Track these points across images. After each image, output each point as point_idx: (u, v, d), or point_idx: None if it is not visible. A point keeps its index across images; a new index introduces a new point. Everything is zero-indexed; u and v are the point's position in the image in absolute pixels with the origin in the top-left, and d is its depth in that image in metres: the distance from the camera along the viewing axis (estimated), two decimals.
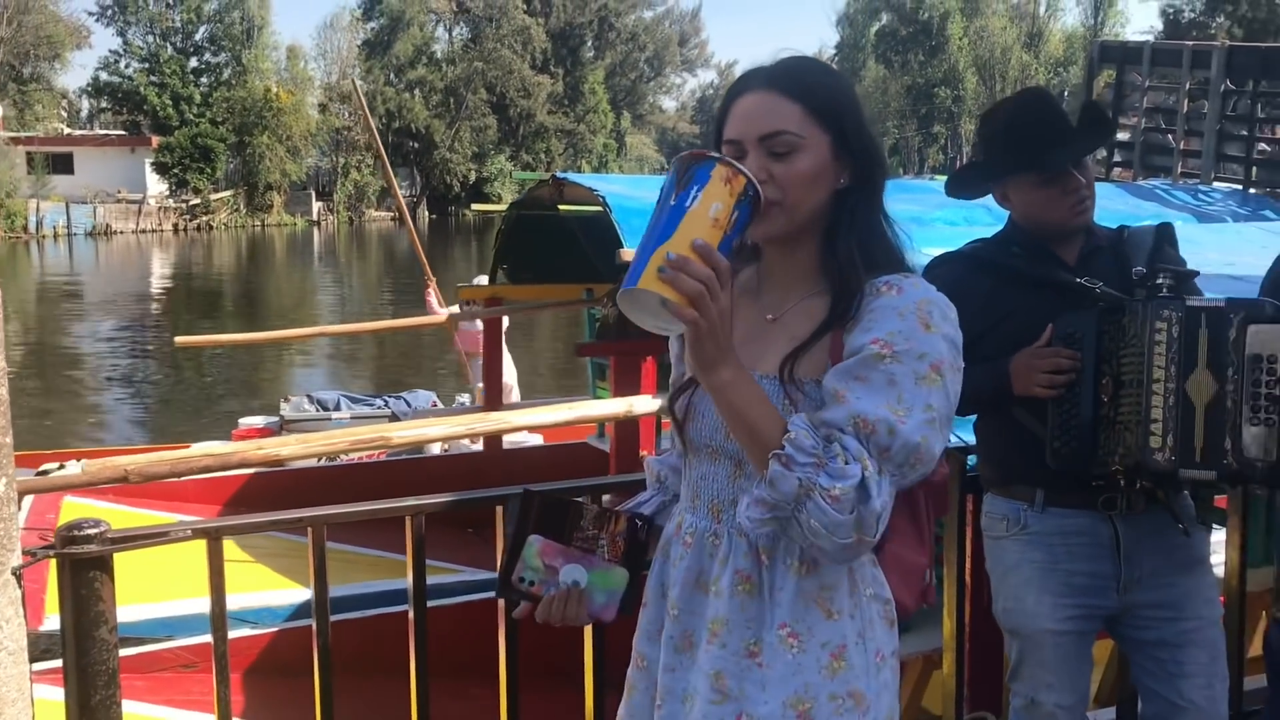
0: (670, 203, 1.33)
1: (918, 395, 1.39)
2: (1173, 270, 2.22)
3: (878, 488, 1.35)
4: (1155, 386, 2.09)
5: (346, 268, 38.45)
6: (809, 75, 1.52)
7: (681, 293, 1.28)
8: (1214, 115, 11.33)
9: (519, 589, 1.55)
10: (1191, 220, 9.19)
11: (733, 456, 1.51)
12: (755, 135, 1.48)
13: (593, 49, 65.77)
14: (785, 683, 1.46)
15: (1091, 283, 2.21)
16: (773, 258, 1.57)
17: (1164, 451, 2.07)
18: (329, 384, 15.49)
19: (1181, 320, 2.10)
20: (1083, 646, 2.33)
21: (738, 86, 1.53)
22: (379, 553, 5.60)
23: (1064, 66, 54.81)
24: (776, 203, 1.45)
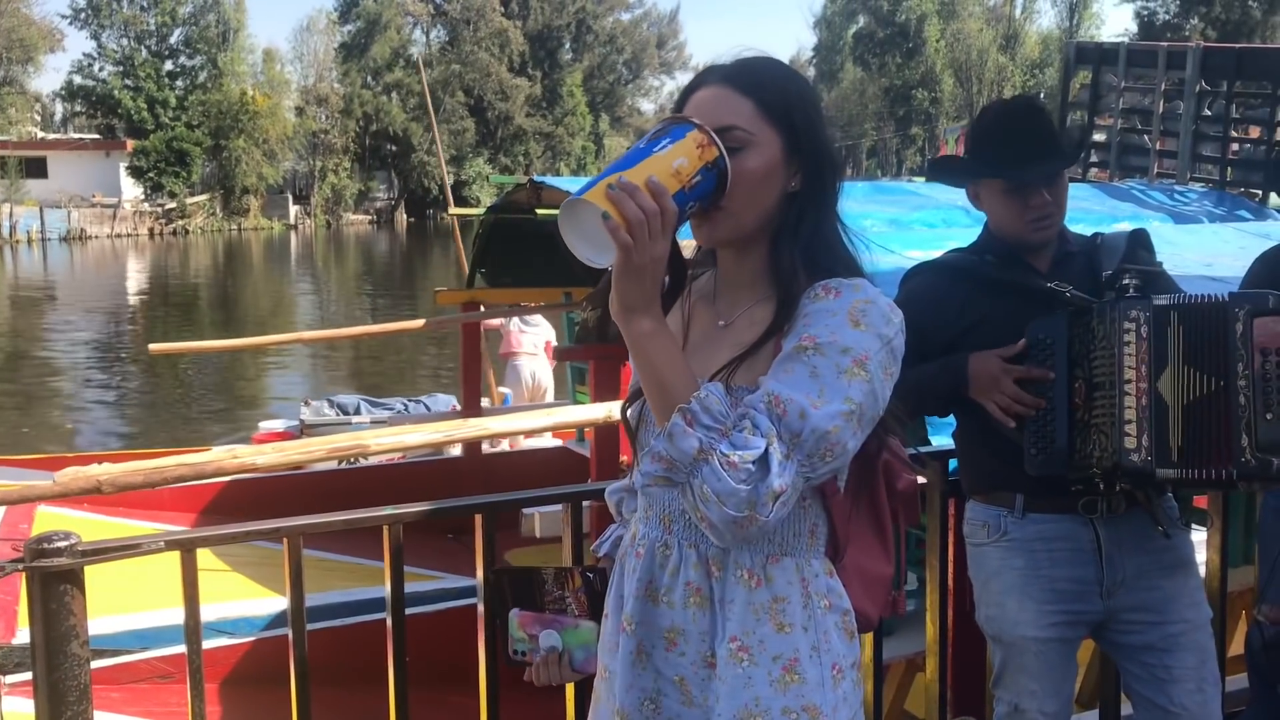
0: (640, 146, 1.34)
1: (838, 387, 1.35)
2: (1140, 270, 2.21)
3: (780, 467, 1.32)
4: (1127, 387, 2.08)
5: (324, 272, 38.30)
6: (764, 72, 1.48)
7: (623, 215, 1.27)
8: (1189, 115, 11.41)
9: (516, 660, 1.65)
10: (1168, 220, 9.25)
11: None
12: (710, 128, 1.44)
13: (571, 51, 65.75)
14: (736, 696, 1.44)
15: (1061, 286, 2.21)
16: (725, 263, 1.54)
17: (1139, 452, 2.06)
18: (306, 391, 15.41)
19: (1150, 319, 2.09)
20: (1066, 653, 2.32)
21: (695, 81, 1.50)
22: (358, 560, 5.56)
23: (1040, 68, 55.15)
24: (722, 209, 1.41)
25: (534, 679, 1.64)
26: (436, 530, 6.00)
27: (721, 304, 1.54)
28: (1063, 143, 2.39)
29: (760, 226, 1.46)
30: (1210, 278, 3.24)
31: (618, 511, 1.71)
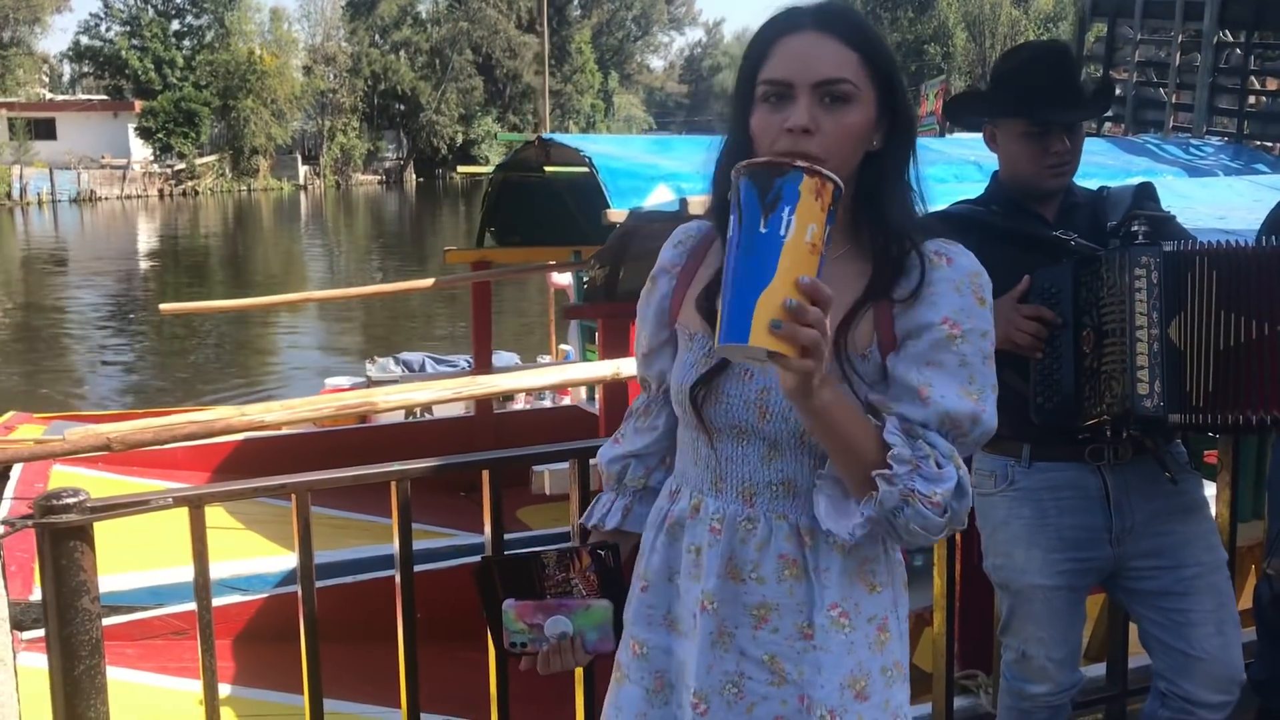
0: (760, 230, 1.17)
1: (986, 375, 1.38)
2: (1149, 216, 2.19)
3: (968, 481, 1.35)
4: (1139, 334, 2.06)
5: (334, 232, 38.27)
6: (863, 24, 1.40)
7: (798, 346, 1.17)
8: (1206, 68, 11.27)
9: (515, 652, 1.53)
10: (1183, 174, 9.14)
11: (766, 437, 1.42)
12: (811, 80, 1.34)
13: (579, 8, 65.19)
14: (840, 663, 1.42)
15: (1067, 235, 2.19)
16: None
17: (1151, 398, 2.05)
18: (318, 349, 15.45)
19: (1160, 265, 2.07)
20: (1074, 601, 2.32)
21: (782, 24, 1.39)
22: (370, 517, 5.59)
23: (1054, 21, 54.48)
24: (821, 160, 1.30)
25: (542, 668, 1.53)
26: (450, 488, 6.03)
27: None
28: (1091, 93, 2.37)
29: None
30: (1224, 230, 3.21)
31: (618, 479, 1.64)
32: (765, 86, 1.37)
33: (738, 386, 1.42)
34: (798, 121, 1.34)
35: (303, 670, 2.15)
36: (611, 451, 1.65)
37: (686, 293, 1.52)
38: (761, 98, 1.37)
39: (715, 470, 1.47)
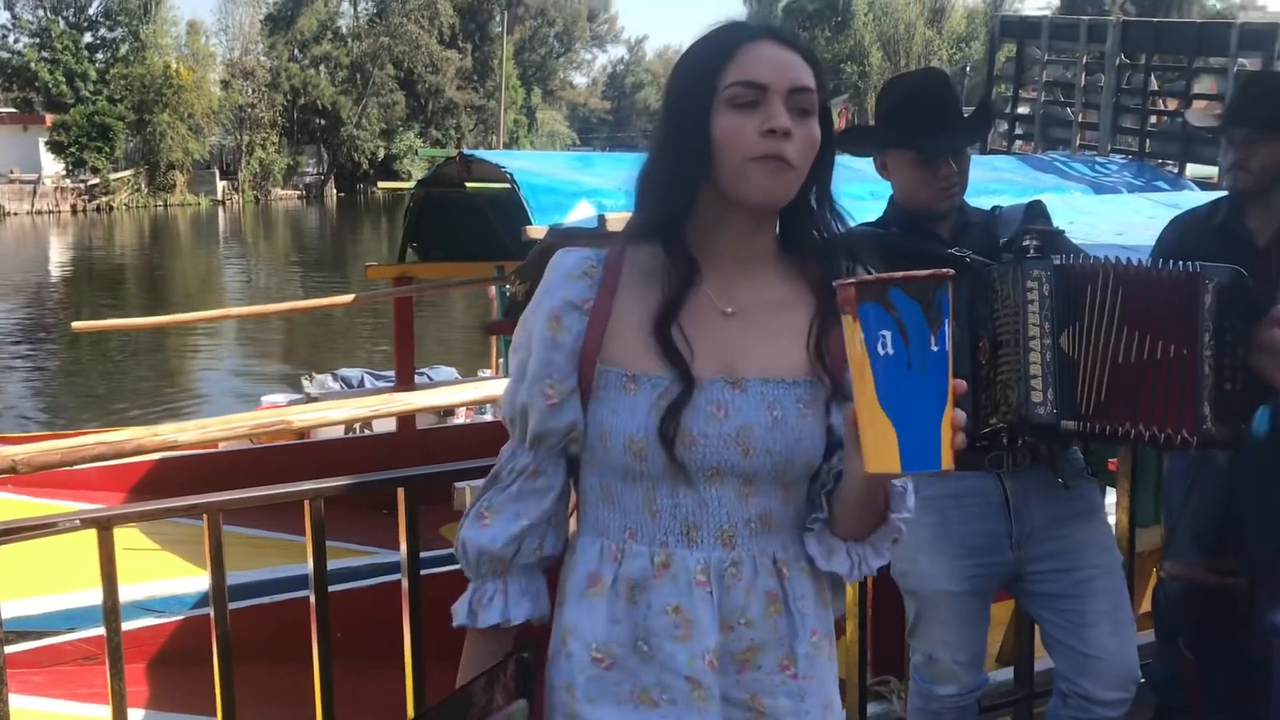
0: (932, 349, 1.13)
1: None
2: (1039, 230, 2.28)
3: None
4: (1032, 344, 2.13)
5: (254, 248, 37.64)
6: (809, 46, 1.41)
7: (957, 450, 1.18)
8: (1110, 88, 11.62)
9: None
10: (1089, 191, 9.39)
11: (744, 474, 1.35)
12: (786, 85, 1.31)
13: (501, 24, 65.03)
14: (824, 687, 1.43)
15: (961, 252, 2.27)
16: (731, 236, 1.38)
17: (1045, 405, 2.13)
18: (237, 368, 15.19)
19: (1051, 277, 2.15)
20: (979, 605, 2.39)
21: (741, 31, 1.36)
22: (291, 536, 5.51)
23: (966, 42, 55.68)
24: (795, 167, 1.32)
25: None
26: (373, 506, 5.97)
27: (716, 287, 1.38)
28: (969, 118, 2.49)
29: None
30: (1121, 245, 3.33)
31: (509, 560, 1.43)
32: (736, 89, 1.31)
33: (713, 426, 1.33)
34: (782, 123, 1.30)
35: (216, 693, 2.13)
36: (498, 532, 1.42)
37: (607, 330, 1.37)
38: (728, 101, 1.31)
39: (685, 518, 1.36)
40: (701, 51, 1.35)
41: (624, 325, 1.36)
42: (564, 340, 1.37)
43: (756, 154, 1.30)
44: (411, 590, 2.20)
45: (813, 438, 1.36)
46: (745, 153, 1.30)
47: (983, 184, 8.13)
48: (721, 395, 1.34)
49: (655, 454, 1.33)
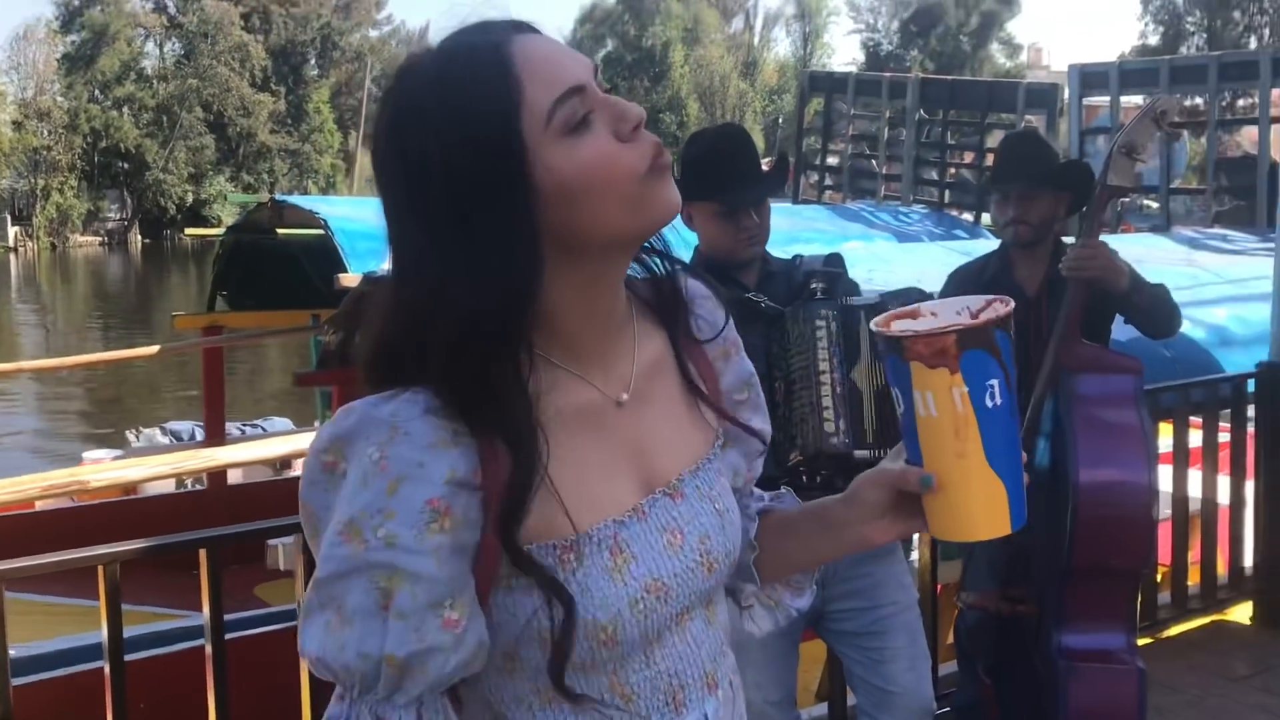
0: (1009, 417, 1.01)
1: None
2: (823, 273, 2.42)
3: None
4: (823, 378, 2.26)
5: (50, 297, 35.64)
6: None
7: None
8: (911, 141, 12.25)
9: None
10: (893, 239, 9.84)
11: (706, 596, 1.07)
12: (591, 73, 0.95)
13: (316, 67, 63.89)
14: None
15: (757, 297, 2.37)
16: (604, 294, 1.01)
17: (838, 435, 2.23)
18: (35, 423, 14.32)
19: (838, 317, 2.28)
20: (787, 645, 2.45)
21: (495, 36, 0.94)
22: (90, 602, 5.22)
23: (779, 94, 57.69)
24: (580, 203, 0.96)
25: None
26: (185, 566, 5.69)
27: (595, 374, 1.02)
28: (769, 170, 2.62)
29: None
30: (918, 291, 3.50)
31: None
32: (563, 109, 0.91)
33: (678, 559, 1.02)
34: (636, 111, 0.94)
35: None
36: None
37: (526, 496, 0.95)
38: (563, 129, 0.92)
39: (669, 683, 1.03)
40: (460, 97, 0.91)
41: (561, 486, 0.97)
42: (465, 539, 0.92)
43: (646, 165, 0.94)
44: (216, 655, 2.10)
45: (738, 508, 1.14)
46: (635, 172, 0.93)
47: (794, 232, 8.45)
48: (668, 515, 1.03)
49: (630, 628, 0.98)
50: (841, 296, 2.36)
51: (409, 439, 0.91)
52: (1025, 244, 2.99)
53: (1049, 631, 2.74)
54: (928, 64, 40.55)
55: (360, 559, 0.90)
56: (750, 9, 54.29)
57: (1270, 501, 4.43)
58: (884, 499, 1.06)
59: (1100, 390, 2.74)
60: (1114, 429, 2.72)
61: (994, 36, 44.21)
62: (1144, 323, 2.92)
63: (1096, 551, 2.67)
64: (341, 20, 63.75)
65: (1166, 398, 4.12)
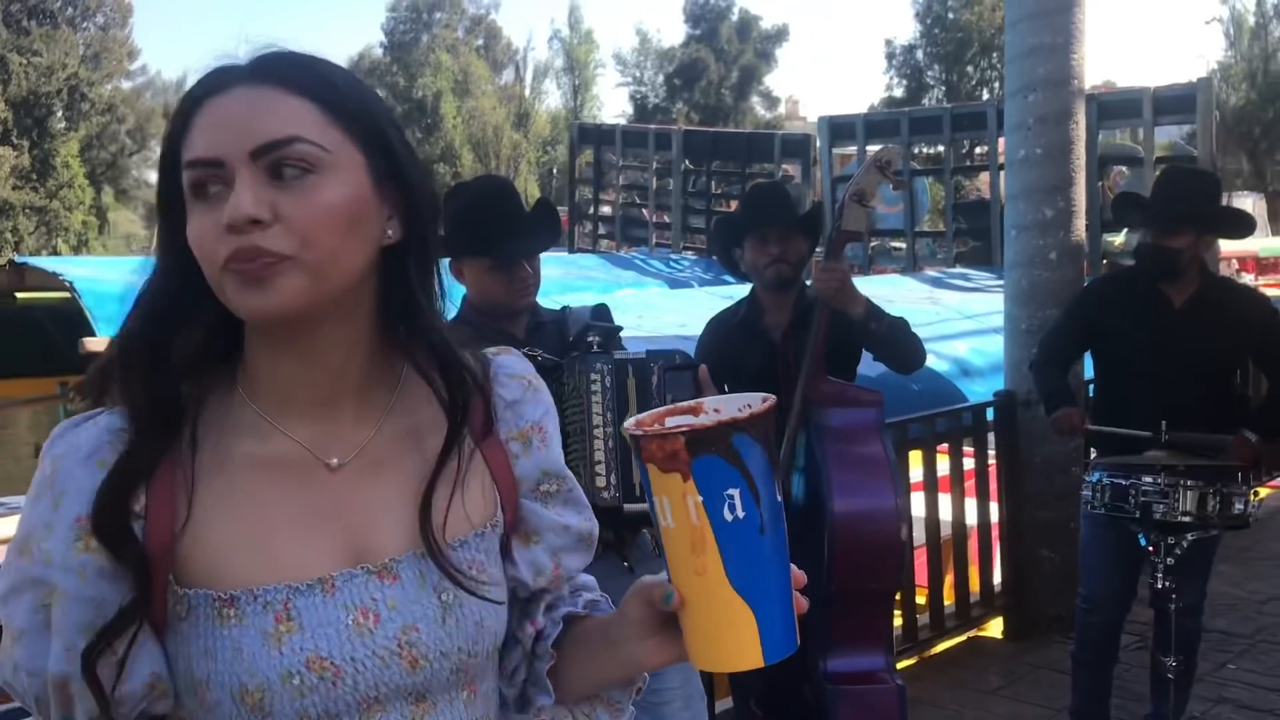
0: (777, 501, 0.90)
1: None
2: (601, 328, 2.46)
3: None
4: (596, 432, 2.29)
5: None
6: (321, 68, 0.95)
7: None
8: (678, 190, 12.62)
9: None
10: (664, 285, 10.08)
11: (408, 693, 0.96)
12: (248, 147, 0.90)
13: (64, 120, 60.48)
14: None
15: (533, 351, 2.39)
16: (286, 361, 0.97)
17: (609, 490, 2.27)
18: None
19: (612, 371, 2.32)
20: None
21: (206, 85, 0.93)
22: None
23: (552, 145, 58.40)
24: (290, 258, 0.89)
25: None
26: None
27: (305, 433, 0.97)
28: (540, 220, 2.63)
29: (348, 294, 0.95)
30: (682, 336, 3.60)
31: None
32: (191, 172, 0.91)
33: (363, 640, 0.93)
34: (237, 212, 0.88)
35: None
36: None
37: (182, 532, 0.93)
38: (191, 191, 0.91)
39: None
40: (168, 126, 0.95)
41: (205, 521, 0.93)
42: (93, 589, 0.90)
43: (221, 261, 0.89)
44: None
45: (498, 611, 1.01)
46: (215, 262, 0.90)
47: (567, 281, 8.56)
48: (365, 593, 0.95)
49: (283, 702, 0.91)
50: (614, 350, 2.39)
51: (75, 453, 0.91)
52: (785, 282, 3.13)
53: (814, 659, 2.85)
54: (693, 115, 41.95)
55: (24, 574, 0.90)
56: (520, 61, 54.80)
57: (1013, 521, 4.76)
58: (647, 615, 0.96)
59: (846, 423, 2.90)
60: (862, 460, 2.87)
61: (754, 90, 46.18)
62: (889, 356, 3.09)
63: (853, 576, 2.81)
64: (91, 70, 60.63)
65: (914, 428, 4.38)
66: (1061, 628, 4.52)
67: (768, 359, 3.10)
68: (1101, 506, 3.21)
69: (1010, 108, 4.72)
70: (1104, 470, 3.24)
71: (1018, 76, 4.70)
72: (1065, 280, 4.60)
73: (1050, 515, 4.69)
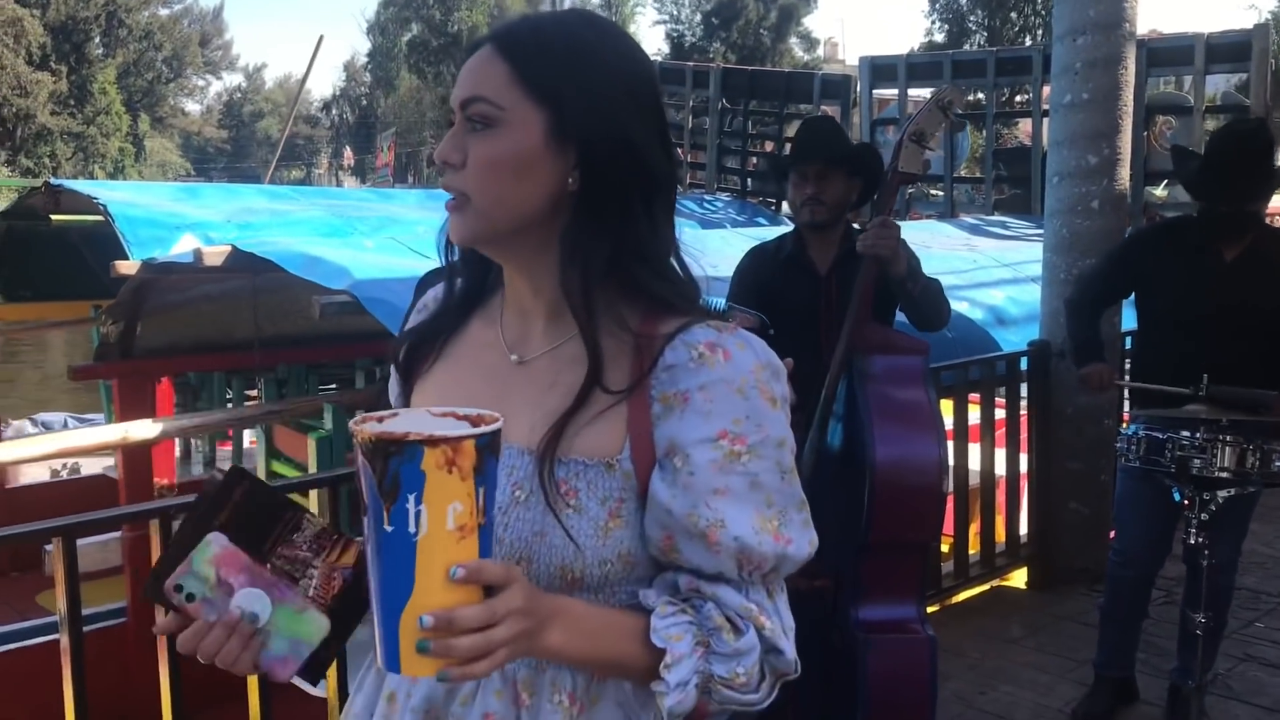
0: (385, 528, 0.90)
1: (789, 494, 1.08)
2: None
3: (782, 630, 1.09)
4: None
5: None
6: (543, 28, 1.09)
7: (464, 656, 0.91)
8: (714, 130, 12.47)
9: (172, 600, 1.05)
10: (696, 226, 10.01)
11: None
12: (458, 100, 1.10)
13: (101, 46, 60.47)
14: None
15: None
16: (507, 279, 1.17)
17: None
18: None
19: None
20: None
21: (473, 44, 1.13)
22: None
23: None
24: (467, 196, 1.07)
25: (187, 644, 1.05)
26: None
27: (510, 329, 1.17)
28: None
29: (528, 231, 1.09)
30: (714, 277, 3.54)
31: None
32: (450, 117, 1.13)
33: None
34: (436, 153, 1.10)
35: None
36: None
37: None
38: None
39: None
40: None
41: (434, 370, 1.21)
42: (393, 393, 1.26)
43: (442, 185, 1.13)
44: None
45: (564, 537, 1.05)
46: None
47: None
48: None
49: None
50: None
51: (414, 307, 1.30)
52: (820, 224, 3.08)
53: (845, 606, 2.83)
54: (730, 56, 41.42)
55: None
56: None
57: (1042, 472, 4.72)
58: None
59: (891, 370, 2.85)
60: (906, 408, 2.82)
61: (792, 30, 45.50)
62: (915, 314, 3.07)
63: (893, 526, 2.78)
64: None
65: (947, 376, 4.33)
66: (1088, 580, 4.49)
67: (810, 295, 3.06)
68: (1137, 460, 3.16)
69: (1058, 51, 4.59)
70: (1141, 423, 3.18)
71: (1067, 18, 4.57)
72: (1106, 230, 4.50)
73: (1081, 467, 4.64)
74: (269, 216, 6.03)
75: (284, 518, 1.08)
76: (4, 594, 6.12)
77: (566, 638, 1.00)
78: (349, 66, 69.73)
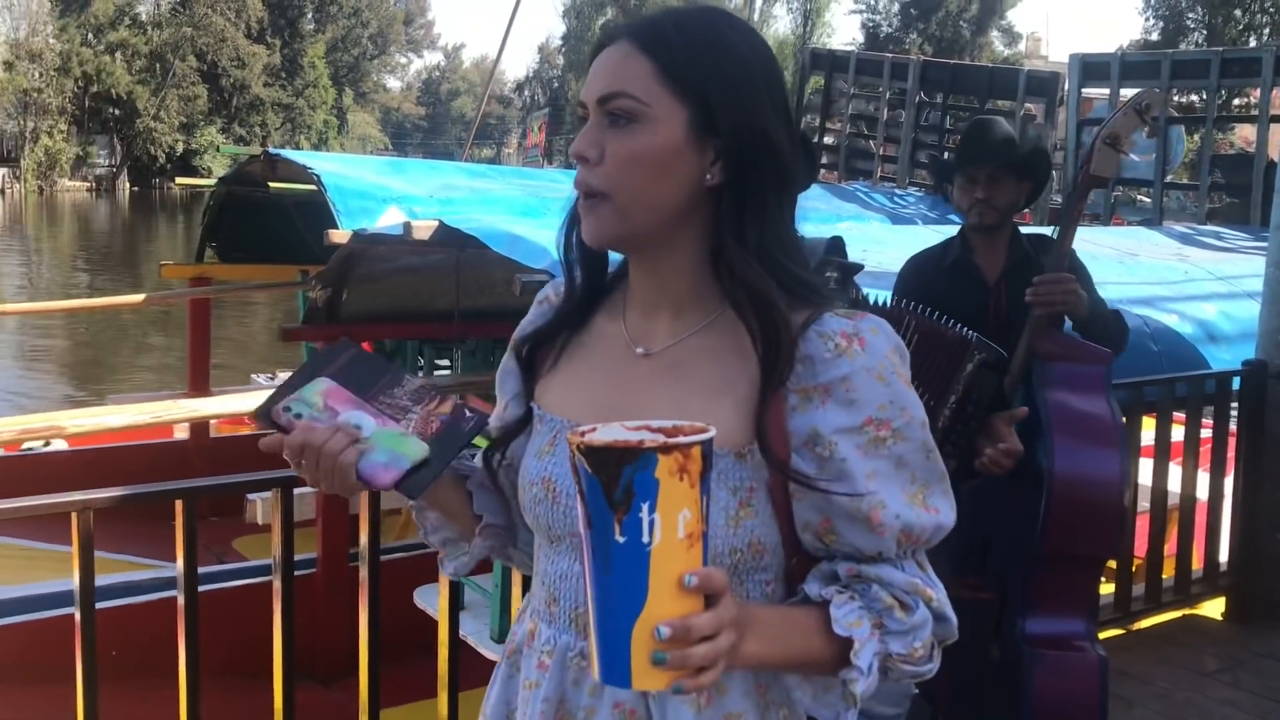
0: (616, 539, 0.89)
1: (930, 469, 1.11)
2: (839, 264, 2.37)
3: (944, 597, 1.12)
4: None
5: (36, 241, 35.36)
6: (683, 26, 1.10)
7: (692, 669, 0.91)
8: (909, 124, 12.20)
9: (279, 421, 1.14)
10: (886, 221, 9.82)
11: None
12: (595, 96, 1.10)
13: (313, 21, 63.34)
14: None
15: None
16: (634, 274, 1.19)
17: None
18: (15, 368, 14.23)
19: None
20: None
21: (605, 37, 1.14)
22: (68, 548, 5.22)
23: None
24: (605, 194, 1.09)
25: (293, 452, 1.14)
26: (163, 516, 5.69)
27: (634, 323, 1.19)
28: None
29: (665, 227, 1.11)
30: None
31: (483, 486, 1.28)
32: (580, 110, 1.14)
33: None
34: (574, 148, 1.11)
35: None
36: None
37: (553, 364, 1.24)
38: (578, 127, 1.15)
39: (549, 587, 1.17)
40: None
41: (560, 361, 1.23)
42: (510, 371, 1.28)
43: (575, 182, 1.13)
44: (188, 607, 2.09)
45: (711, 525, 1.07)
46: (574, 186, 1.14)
47: None
48: None
49: (527, 505, 1.18)
50: (853, 288, 2.31)
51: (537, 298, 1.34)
52: (988, 227, 2.98)
53: (1012, 617, 2.75)
54: (926, 48, 40.42)
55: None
56: None
57: (1247, 498, 4.45)
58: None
59: (1072, 379, 2.75)
60: (1087, 419, 2.72)
61: (993, 24, 44.07)
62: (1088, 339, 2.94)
63: (1067, 538, 2.68)
64: None
65: (1151, 391, 4.12)
66: None
67: (978, 304, 2.95)
68: None
69: None
70: None
71: None
72: None
73: None
74: (468, 193, 6.20)
75: (388, 375, 1.20)
76: (204, 538, 6.50)
77: (760, 643, 1.02)
78: (543, 49, 70.98)
